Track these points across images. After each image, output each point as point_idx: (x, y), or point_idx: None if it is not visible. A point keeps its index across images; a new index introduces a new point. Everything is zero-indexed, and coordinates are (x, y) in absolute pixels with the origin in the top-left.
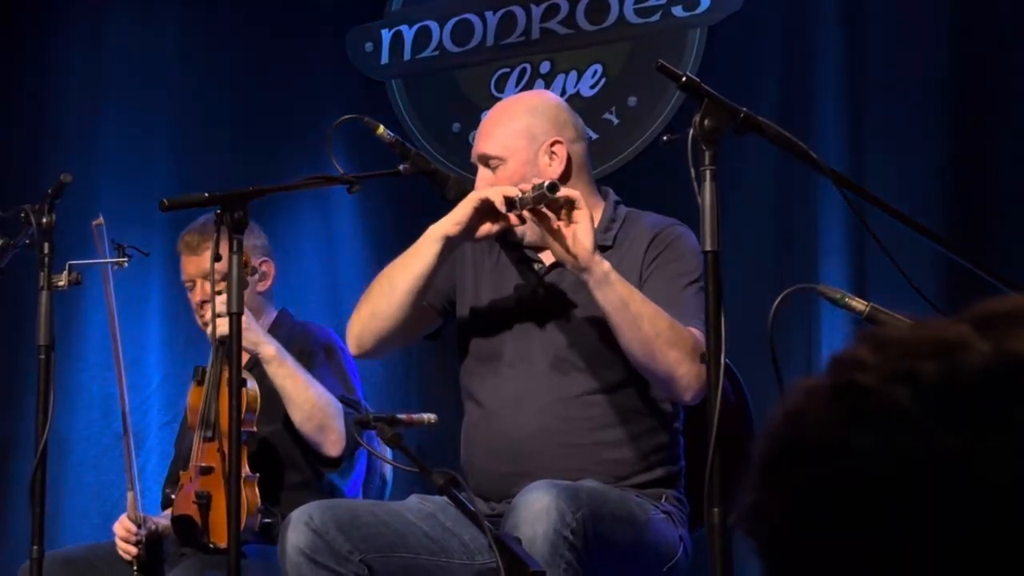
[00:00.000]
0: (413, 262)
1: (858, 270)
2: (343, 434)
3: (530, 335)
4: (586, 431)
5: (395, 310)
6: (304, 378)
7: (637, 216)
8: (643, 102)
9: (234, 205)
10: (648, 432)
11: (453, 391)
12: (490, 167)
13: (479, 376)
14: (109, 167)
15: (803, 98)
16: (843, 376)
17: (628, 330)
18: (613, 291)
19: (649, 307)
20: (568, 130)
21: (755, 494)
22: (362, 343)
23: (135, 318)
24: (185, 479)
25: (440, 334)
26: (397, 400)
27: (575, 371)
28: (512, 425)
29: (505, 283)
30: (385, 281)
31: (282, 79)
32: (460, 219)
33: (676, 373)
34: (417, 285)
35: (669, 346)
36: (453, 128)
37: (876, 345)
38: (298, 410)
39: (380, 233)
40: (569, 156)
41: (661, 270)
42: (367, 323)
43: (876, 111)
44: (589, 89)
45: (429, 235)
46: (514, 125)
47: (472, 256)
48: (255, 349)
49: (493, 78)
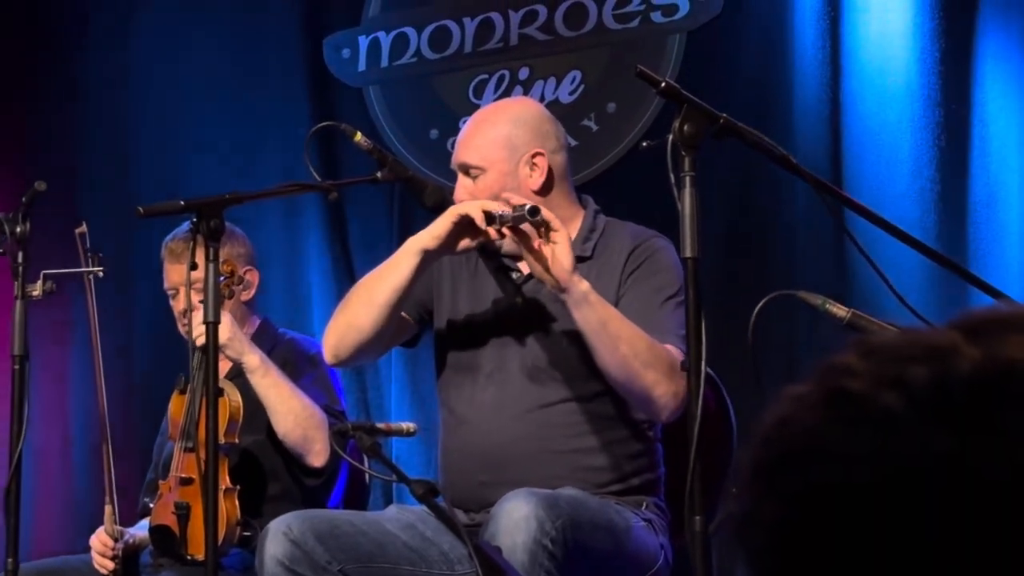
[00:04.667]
0: (391, 274)
1: (839, 277)
2: (327, 445)
3: (508, 345)
4: (564, 438)
5: (372, 322)
6: (288, 388)
7: (617, 226)
8: (622, 108)
9: (210, 213)
10: (626, 439)
11: (431, 401)
12: (470, 176)
13: (456, 386)
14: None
15: (783, 103)
16: (833, 382)
17: (605, 351)
18: (592, 312)
19: (627, 327)
20: (550, 140)
21: (746, 502)
22: (338, 353)
23: (118, 326)
24: (165, 489)
25: (417, 341)
26: (375, 410)
27: (553, 380)
28: (489, 433)
29: (483, 292)
30: (363, 292)
31: (259, 86)
32: (439, 233)
33: (653, 393)
34: (394, 297)
35: (646, 367)
36: (431, 135)
37: (865, 352)
38: (282, 420)
39: (351, 242)
40: (550, 167)
41: (639, 284)
42: (344, 333)
43: (857, 115)
44: (568, 95)
45: (408, 248)
46: (495, 135)
47: (450, 265)
48: (239, 359)
49: (471, 85)
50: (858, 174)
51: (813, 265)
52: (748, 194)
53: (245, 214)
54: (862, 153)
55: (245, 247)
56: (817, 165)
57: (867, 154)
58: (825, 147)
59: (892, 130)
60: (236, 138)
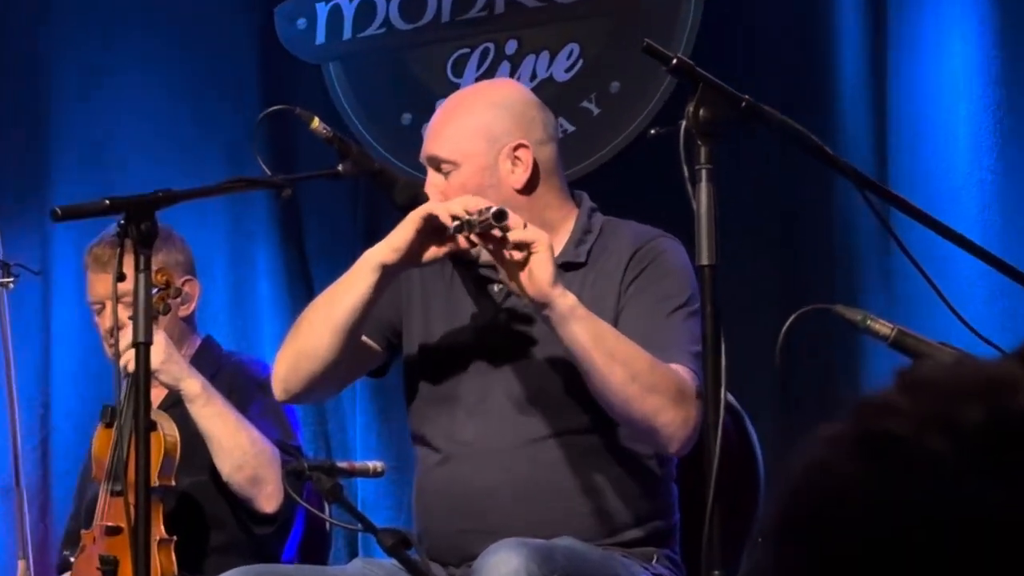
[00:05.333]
0: (345, 294)
1: (884, 287)
2: (280, 487)
3: (491, 371)
4: (559, 479)
5: (325, 350)
6: (235, 420)
7: (616, 227)
8: (627, 88)
9: (140, 213)
10: (634, 479)
11: (402, 435)
12: (441, 172)
13: (431, 419)
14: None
15: (818, 83)
16: (872, 423)
17: (598, 375)
18: (580, 329)
19: (623, 346)
20: (536, 130)
21: (772, 558)
22: (289, 387)
23: (34, 347)
24: (88, 540)
25: (387, 369)
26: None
27: (544, 411)
28: (472, 474)
29: (460, 309)
30: (315, 315)
31: (198, 62)
32: (399, 244)
33: (656, 422)
34: (350, 321)
35: (647, 391)
36: (403, 120)
37: (910, 385)
38: (227, 458)
39: (308, 248)
40: (536, 162)
41: (643, 293)
42: (295, 364)
43: (906, 96)
44: (563, 73)
45: (364, 262)
46: (471, 123)
47: (420, 277)
48: (177, 385)
49: (450, 60)
50: (907, 166)
51: (852, 273)
52: (776, 191)
53: (183, 215)
54: (912, 141)
55: (183, 253)
56: (858, 155)
57: (917, 142)
58: (867, 134)
59: (946, 113)
60: (172, 127)
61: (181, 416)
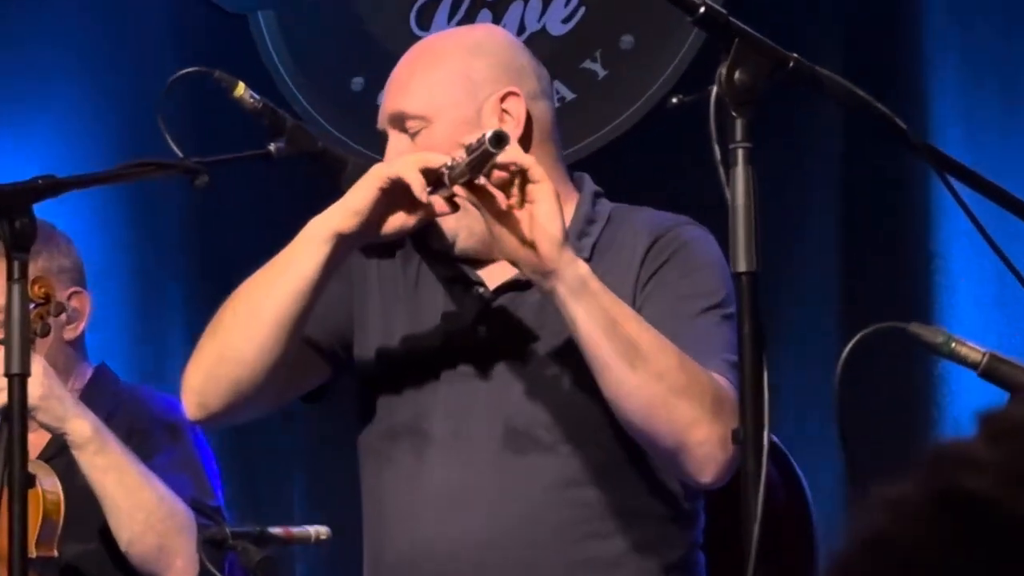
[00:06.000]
0: (285, 275)
1: (974, 299)
2: (195, 560)
3: (469, 395)
4: (561, 541)
5: (257, 349)
6: (136, 473)
7: (628, 214)
8: (642, 44)
9: (13, 208)
10: (654, 542)
11: (352, 488)
12: (407, 132)
13: (390, 462)
14: None
15: (890, 39)
16: (947, 480)
17: (615, 370)
18: (594, 307)
19: (648, 334)
20: (528, 80)
21: None
22: (206, 401)
23: None
24: None
25: (325, 393)
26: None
27: (539, 449)
28: (442, 534)
29: (428, 314)
30: (240, 305)
31: (92, 15)
32: (358, 206)
33: (688, 438)
34: (292, 311)
35: (677, 395)
36: (353, 85)
37: (995, 432)
38: (126, 523)
39: (231, 251)
40: (530, 115)
41: (664, 289)
42: (213, 369)
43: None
44: (560, 24)
45: (311, 233)
46: (445, 69)
47: (377, 275)
48: (60, 427)
49: (413, 9)
50: (997, 148)
51: (932, 284)
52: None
53: (70, 211)
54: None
55: (69, 258)
56: (942, 133)
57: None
58: (953, 110)
59: None
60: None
61: (67, 468)
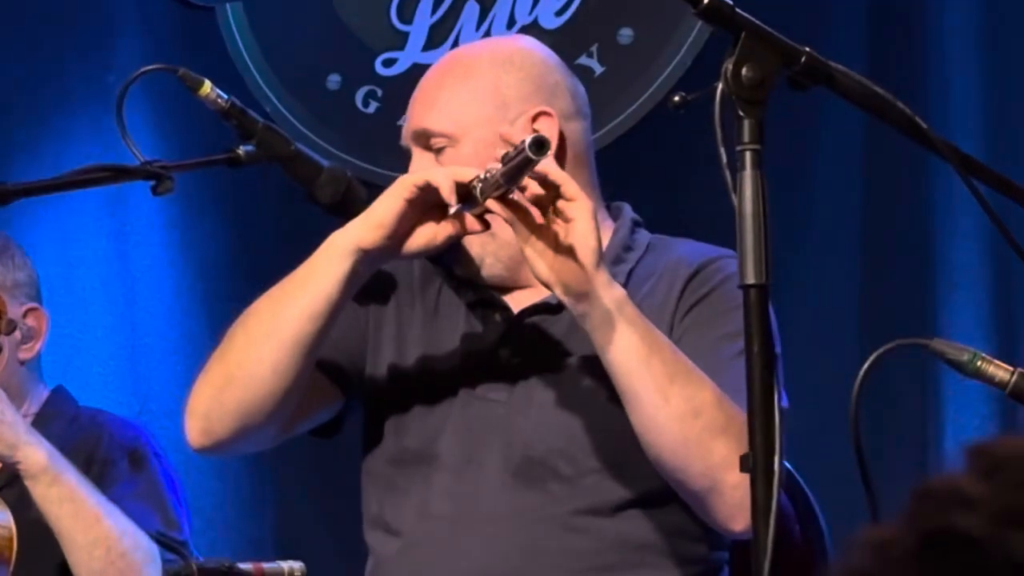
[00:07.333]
0: (302, 292)
1: (1001, 313)
2: None
3: (485, 421)
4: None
5: (270, 370)
6: (94, 505)
7: (667, 245)
8: (642, 38)
9: None
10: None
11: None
12: (432, 150)
13: (396, 489)
14: None
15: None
16: (936, 520)
17: (648, 403)
18: (629, 335)
19: (685, 367)
20: (562, 99)
21: None
22: (211, 428)
23: None
24: None
25: (340, 428)
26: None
27: (557, 479)
28: (454, 567)
29: (447, 337)
30: (254, 323)
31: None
32: (382, 218)
33: (722, 480)
34: (309, 329)
35: (713, 434)
36: (328, 83)
37: (989, 467)
38: (84, 558)
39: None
40: (564, 137)
41: (703, 326)
42: (220, 394)
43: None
44: (554, 17)
45: (333, 248)
46: (474, 85)
47: (395, 300)
48: (12, 456)
49: (394, 1)
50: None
51: (956, 295)
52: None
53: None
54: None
55: (23, 271)
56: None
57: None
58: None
59: None
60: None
61: (19, 499)
